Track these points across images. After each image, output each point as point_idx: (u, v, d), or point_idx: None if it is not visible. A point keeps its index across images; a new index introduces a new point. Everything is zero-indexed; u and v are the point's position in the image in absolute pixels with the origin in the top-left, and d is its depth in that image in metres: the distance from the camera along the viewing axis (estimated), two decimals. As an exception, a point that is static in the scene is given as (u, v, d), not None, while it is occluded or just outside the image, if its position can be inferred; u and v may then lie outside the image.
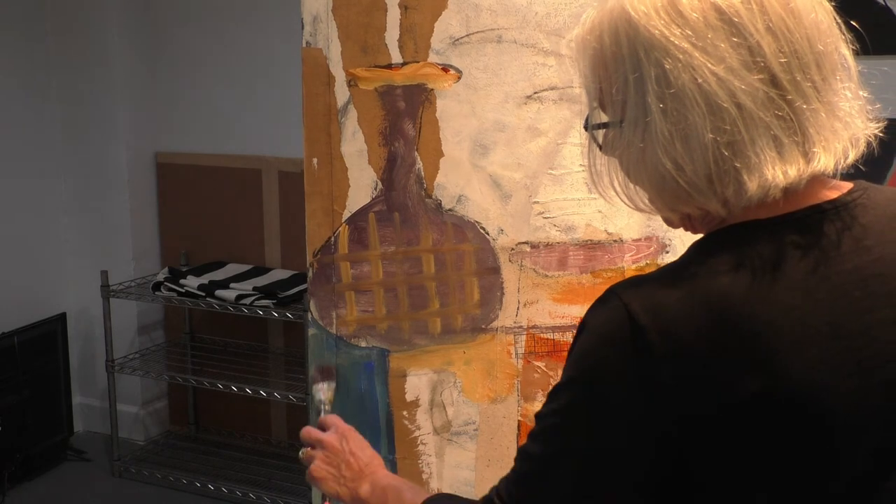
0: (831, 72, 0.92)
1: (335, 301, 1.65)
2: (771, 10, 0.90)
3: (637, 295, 0.90)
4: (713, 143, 0.90)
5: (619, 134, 0.96)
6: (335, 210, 1.65)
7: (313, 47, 1.63)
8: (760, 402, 0.87)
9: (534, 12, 1.62)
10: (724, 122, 0.89)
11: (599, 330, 0.92)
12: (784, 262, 0.90)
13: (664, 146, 0.91)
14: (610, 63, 0.95)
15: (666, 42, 0.90)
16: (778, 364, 0.87)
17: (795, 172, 0.90)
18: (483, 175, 1.65)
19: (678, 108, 0.90)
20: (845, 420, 0.88)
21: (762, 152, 0.89)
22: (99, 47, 3.64)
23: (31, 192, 3.69)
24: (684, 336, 0.87)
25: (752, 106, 0.89)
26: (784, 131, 0.90)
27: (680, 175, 0.92)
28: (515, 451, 1.03)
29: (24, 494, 3.40)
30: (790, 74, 0.90)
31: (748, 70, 0.89)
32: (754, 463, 0.88)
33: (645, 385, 0.88)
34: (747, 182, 0.90)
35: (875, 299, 0.91)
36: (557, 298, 1.66)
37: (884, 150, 0.96)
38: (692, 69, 0.89)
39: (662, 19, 0.91)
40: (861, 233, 0.93)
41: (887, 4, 2.38)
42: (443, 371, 1.67)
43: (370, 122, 1.63)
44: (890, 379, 0.90)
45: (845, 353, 0.89)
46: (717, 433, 0.88)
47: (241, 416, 3.76)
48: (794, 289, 0.89)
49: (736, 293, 0.88)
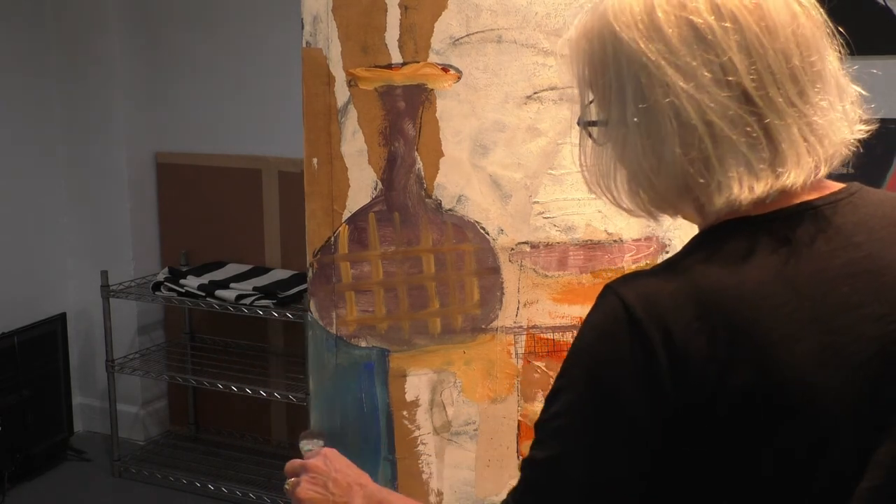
0: (810, 84, 0.93)
1: (335, 301, 1.65)
2: (745, 27, 0.91)
3: (632, 288, 0.92)
4: (682, 158, 0.92)
5: (604, 133, 1.00)
6: (335, 210, 1.65)
7: (313, 47, 1.63)
8: (749, 395, 0.88)
9: (534, 12, 1.62)
10: (693, 139, 0.91)
11: (597, 325, 0.93)
12: (774, 257, 0.91)
13: (638, 158, 0.95)
14: (598, 66, 0.98)
15: (643, 57, 0.92)
16: (767, 358, 0.88)
17: (763, 188, 0.91)
18: (483, 175, 1.65)
19: (650, 123, 0.93)
20: (829, 414, 0.89)
21: (730, 169, 0.91)
22: (99, 47, 3.64)
23: (31, 192, 3.69)
24: (676, 329, 0.88)
25: (722, 123, 0.90)
26: (753, 149, 0.91)
27: (651, 187, 0.95)
28: (515, 451, 1.03)
29: (24, 494, 3.40)
30: (763, 90, 0.91)
31: (719, 87, 0.90)
32: (742, 455, 0.89)
33: (644, 375, 0.88)
34: (715, 196, 0.92)
35: (863, 295, 0.92)
36: (557, 298, 1.66)
37: (884, 151, 0.97)
38: (665, 85, 0.91)
39: (641, 33, 0.93)
40: (852, 230, 0.94)
41: (887, 4, 2.38)
42: (443, 371, 1.67)
43: (370, 122, 1.63)
44: (874, 375, 0.90)
45: (833, 349, 0.90)
46: (706, 425, 0.88)
47: (241, 416, 3.76)
48: (784, 284, 0.90)
49: (726, 288, 0.89)
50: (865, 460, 0.90)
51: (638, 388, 0.89)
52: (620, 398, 0.90)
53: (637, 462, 0.91)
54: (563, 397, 0.94)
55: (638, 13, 0.93)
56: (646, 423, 0.89)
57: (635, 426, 0.90)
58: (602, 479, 0.92)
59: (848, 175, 0.97)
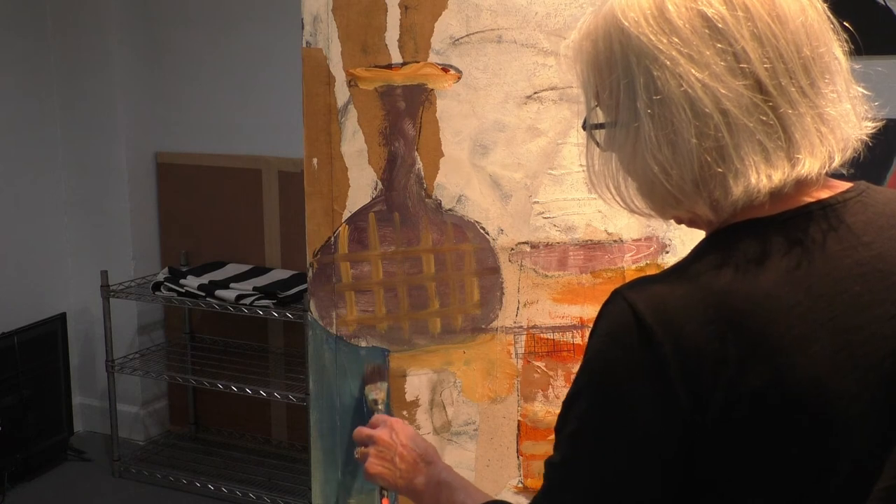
0: (820, 75, 0.93)
1: (335, 301, 1.65)
2: (757, 17, 0.92)
3: (641, 294, 0.91)
4: (698, 148, 0.91)
5: (612, 135, 0.99)
6: (335, 210, 1.65)
7: (313, 47, 1.63)
8: (764, 398, 0.87)
9: (534, 12, 1.62)
10: (709, 128, 0.91)
11: (608, 331, 0.93)
12: (785, 259, 0.91)
13: (652, 151, 0.93)
14: (604, 67, 0.97)
15: (654, 50, 0.92)
16: (781, 360, 0.88)
17: (780, 177, 0.91)
18: (483, 175, 1.65)
19: (665, 114, 0.92)
20: (844, 416, 0.89)
21: (747, 157, 0.91)
22: (99, 47, 3.64)
23: (31, 192, 3.69)
24: (688, 333, 0.88)
25: (737, 112, 0.90)
26: (769, 136, 0.91)
27: (667, 179, 0.94)
28: (515, 451, 1.04)
29: (24, 494, 3.40)
30: (776, 79, 0.91)
31: (733, 76, 0.91)
32: (758, 458, 0.89)
33: (657, 380, 0.88)
34: (732, 186, 0.92)
35: (875, 294, 0.92)
36: (557, 298, 1.66)
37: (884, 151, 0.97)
38: (678, 76, 0.91)
39: (651, 27, 0.93)
40: (861, 229, 0.94)
41: (887, 4, 2.38)
42: (443, 371, 1.67)
43: (370, 122, 1.63)
44: (888, 375, 0.90)
45: (846, 349, 0.89)
46: (722, 428, 0.88)
47: (241, 416, 3.76)
48: (796, 285, 0.90)
49: (738, 291, 0.89)
50: (883, 460, 0.90)
51: (649, 395, 0.89)
52: (631, 405, 0.90)
53: (648, 469, 0.91)
54: (576, 403, 0.94)
55: (647, 8, 0.93)
56: (657, 429, 0.89)
57: (647, 433, 0.89)
58: (613, 484, 0.92)
59: (848, 175, 0.97)
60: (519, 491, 1.66)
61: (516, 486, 1.66)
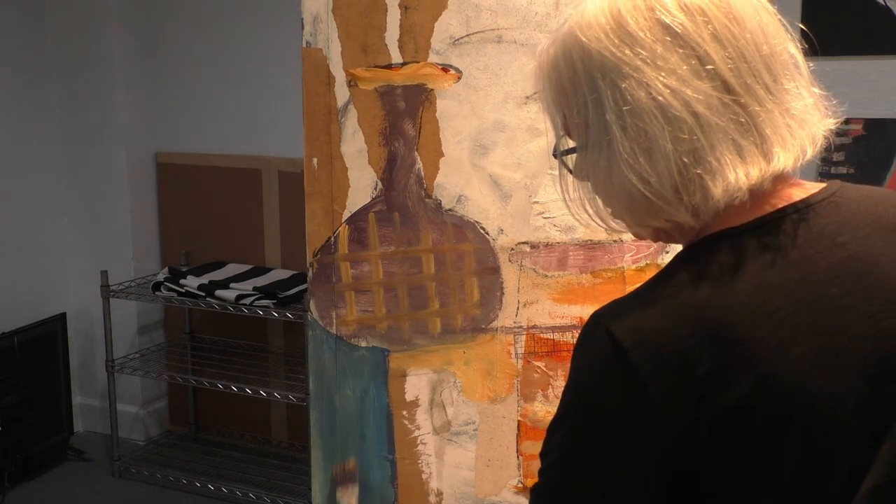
0: (781, 72, 0.95)
1: (335, 301, 1.65)
2: (714, 19, 0.93)
3: (617, 318, 0.92)
4: (675, 152, 0.92)
5: (585, 157, 0.99)
6: (335, 210, 1.65)
7: (313, 47, 1.63)
8: (751, 407, 0.87)
9: (534, 12, 1.62)
10: (683, 132, 0.91)
11: (586, 357, 0.93)
12: (761, 266, 0.91)
13: (628, 162, 0.94)
14: (569, 89, 0.98)
15: (619, 62, 0.93)
16: (765, 368, 0.87)
17: (758, 173, 0.92)
18: (483, 175, 1.65)
19: (637, 124, 0.93)
20: (833, 417, 0.88)
21: (723, 157, 0.92)
22: (99, 47, 3.64)
23: (31, 193, 3.69)
24: (666, 352, 0.88)
25: (708, 113, 0.91)
26: (742, 134, 0.92)
27: (647, 189, 0.94)
28: (515, 451, 1.04)
29: (24, 494, 3.40)
30: (741, 79, 0.93)
31: (699, 79, 0.92)
32: (754, 467, 0.88)
33: (637, 404, 0.88)
34: (712, 188, 0.92)
35: (853, 295, 0.91)
36: (557, 298, 1.66)
37: (884, 151, 0.97)
38: (646, 85, 0.92)
39: (612, 41, 0.94)
40: (835, 230, 0.94)
41: (887, 5, 2.38)
42: (443, 371, 1.67)
43: (370, 122, 1.63)
44: (872, 374, 0.90)
45: (829, 351, 0.89)
46: (712, 442, 0.88)
47: (241, 416, 3.76)
48: (774, 291, 0.90)
49: (715, 303, 0.89)
50: (873, 459, 0.90)
51: (630, 419, 0.89)
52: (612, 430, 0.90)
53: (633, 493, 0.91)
54: (561, 428, 0.95)
55: (605, 24, 0.95)
56: (644, 450, 0.89)
57: (633, 454, 0.90)
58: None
59: (848, 175, 0.97)
60: (519, 491, 1.66)
61: (516, 486, 1.66)
